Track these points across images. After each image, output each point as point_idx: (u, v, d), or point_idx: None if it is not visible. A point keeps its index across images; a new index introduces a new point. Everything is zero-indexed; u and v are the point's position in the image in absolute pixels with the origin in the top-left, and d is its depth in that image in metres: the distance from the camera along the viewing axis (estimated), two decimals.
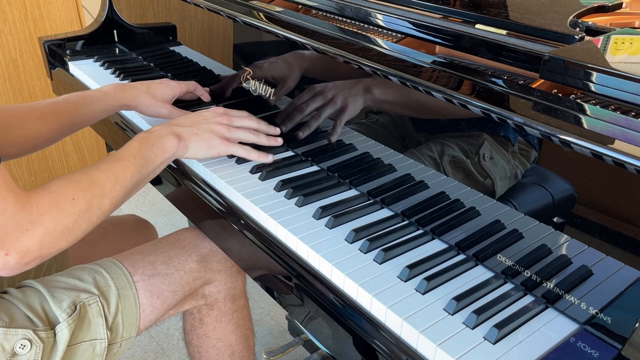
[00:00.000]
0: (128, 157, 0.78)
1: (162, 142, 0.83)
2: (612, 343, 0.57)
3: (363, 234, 0.74)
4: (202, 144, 0.87)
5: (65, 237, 0.68)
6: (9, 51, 2.00)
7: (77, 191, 0.70)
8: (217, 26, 1.10)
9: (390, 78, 0.76)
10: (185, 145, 0.86)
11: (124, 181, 0.76)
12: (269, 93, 1.00)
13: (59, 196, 0.68)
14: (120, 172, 0.76)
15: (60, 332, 0.77)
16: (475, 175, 0.71)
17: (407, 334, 0.61)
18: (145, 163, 0.80)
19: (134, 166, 0.78)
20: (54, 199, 0.67)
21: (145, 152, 0.80)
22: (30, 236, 0.64)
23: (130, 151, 0.80)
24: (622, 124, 0.59)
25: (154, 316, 0.88)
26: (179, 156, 0.86)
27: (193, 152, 0.87)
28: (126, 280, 0.85)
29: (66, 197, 0.69)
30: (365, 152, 0.85)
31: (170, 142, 0.84)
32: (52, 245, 0.67)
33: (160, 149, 0.82)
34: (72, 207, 0.69)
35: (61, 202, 0.68)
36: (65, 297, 0.79)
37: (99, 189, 0.73)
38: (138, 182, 0.79)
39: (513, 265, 0.66)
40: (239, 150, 0.90)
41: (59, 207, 0.68)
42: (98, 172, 0.74)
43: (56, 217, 0.67)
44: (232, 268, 0.99)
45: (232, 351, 1.05)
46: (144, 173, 0.79)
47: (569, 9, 0.83)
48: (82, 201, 0.70)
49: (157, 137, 0.83)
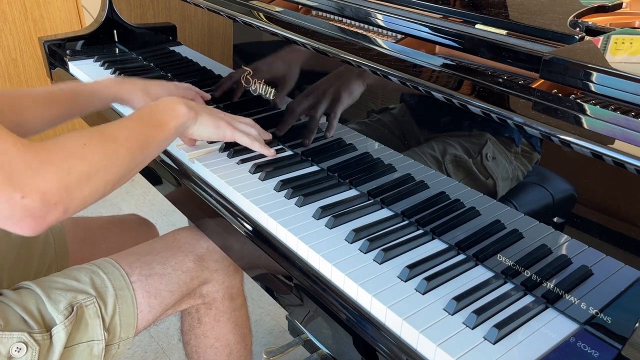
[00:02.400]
0: (139, 118, 0.76)
1: (174, 108, 0.82)
2: (612, 343, 0.57)
3: (363, 234, 0.74)
4: (211, 122, 0.87)
5: (85, 182, 0.64)
6: (9, 51, 2.00)
7: (88, 139, 0.67)
8: (217, 26, 1.10)
9: (390, 78, 0.76)
10: (195, 116, 0.85)
11: (138, 136, 0.73)
12: (269, 93, 1.00)
13: (68, 143, 0.65)
14: (134, 127, 0.74)
15: (57, 334, 0.76)
16: (477, 175, 0.71)
17: (407, 333, 0.61)
18: (158, 125, 0.78)
19: (148, 126, 0.76)
20: (62, 145, 0.64)
21: (157, 115, 0.79)
22: (44, 175, 0.60)
23: (142, 113, 0.78)
24: (622, 124, 0.59)
25: (151, 316, 0.88)
26: (189, 126, 0.85)
27: (201, 126, 0.87)
28: (123, 281, 0.85)
29: (76, 143, 0.65)
30: (365, 152, 0.85)
31: (182, 109, 0.83)
32: (73, 188, 0.62)
33: (172, 113, 0.81)
34: (84, 151, 0.65)
35: (72, 147, 0.64)
36: (62, 299, 0.78)
37: (112, 138, 0.70)
38: (152, 142, 0.76)
39: (513, 265, 0.66)
40: (243, 138, 0.90)
41: (70, 150, 0.64)
42: (109, 126, 0.72)
43: (69, 160, 0.63)
44: (229, 267, 0.99)
45: (230, 350, 1.05)
46: (157, 136, 0.77)
47: (569, 9, 0.83)
48: (96, 146, 0.66)
49: (168, 104, 0.82)
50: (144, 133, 0.75)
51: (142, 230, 1.17)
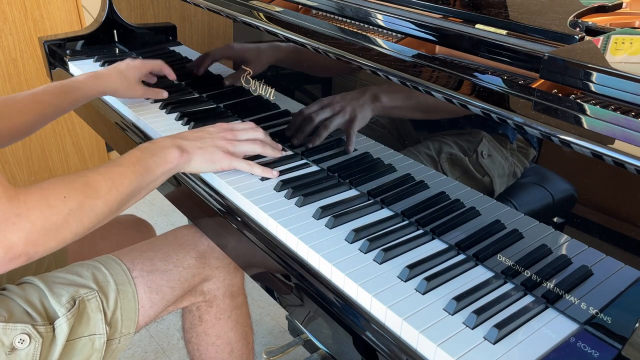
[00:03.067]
0: (127, 164, 0.78)
1: (165, 154, 0.83)
2: (612, 343, 0.57)
3: (363, 234, 0.74)
4: (205, 158, 0.87)
5: (53, 236, 0.67)
6: (9, 51, 2.00)
7: (69, 190, 0.69)
8: (217, 26, 1.10)
9: (390, 78, 0.76)
10: (188, 159, 0.85)
11: (121, 187, 0.75)
12: (269, 93, 1.00)
13: (49, 193, 0.67)
14: (117, 177, 0.75)
15: (59, 327, 0.77)
16: (473, 172, 0.71)
17: (407, 334, 0.61)
18: (145, 172, 0.79)
19: (133, 173, 0.77)
20: (43, 196, 0.66)
21: (146, 161, 0.80)
22: (15, 230, 0.62)
23: (131, 159, 0.79)
24: (622, 124, 0.59)
25: (152, 312, 0.88)
26: (180, 169, 0.86)
27: (196, 166, 0.87)
28: (125, 276, 0.86)
29: (57, 195, 0.67)
30: (365, 152, 0.85)
31: (173, 154, 0.83)
32: (39, 242, 0.65)
33: (162, 159, 0.82)
34: (62, 204, 0.67)
35: (51, 199, 0.66)
36: (64, 292, 0.79)
37: (94, 191, 0.71)
38: (136, 190, 0.78)
39: (513, 265, 0.66)
40: (242, 165, 0.89)
41: (49, 203, 0.66)
42: (94, 174, 0.73)
43: (44, 214, 0.65)
44: (231, 265, 0.99)
45: (231, 348, 1.05)
46: (142, 182, 0.79)
47: (569, 9, 0.83)
48: (74, 200, 0.68)
49: (160, 148, 0.83)
50: (129, 183, 0.76)
51: (140, 230, 1.18)
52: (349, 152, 0.86)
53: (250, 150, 0.92)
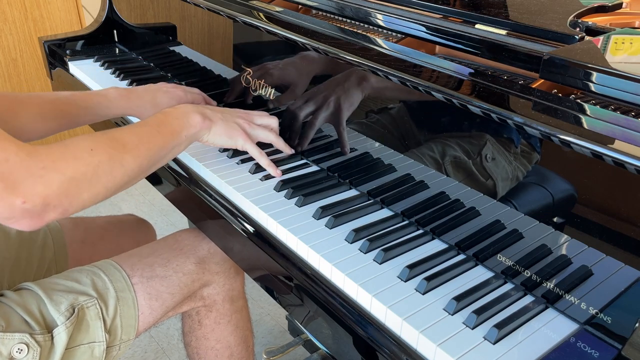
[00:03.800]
0: (152, 124, 0.77)
1: (188, 117, 0.82)
2: (612, 343, 0.57)
3: (363, 234, 0.74)
4: (225, 129, 0.87)
5: (85, 187, 0.65)
6: (9, 51, 2.00)
7: (95, 143, 0.68)
8: (217, 26, 1.10)
9: (390, 78, 0.76)
10: (209, 125, 0.85)
11: (148, 144, 0.74)
12: (269, 93, 1.00)
13: (74, 147, 0.66)
14: (145, 135, 0.74)
15: (58, 336, 0.76)
16: (476, 175, 0.71)
17: (407, 333, 0.61)
18: (170, 134, 0.78)
19: (159, 133, 0.76)
20: (68, 150, 0.65)
21: (171, 123, 0.79)
22: (45, 182, 0.61)
23: (155, 120, 0.78)
24: (622, 124, 0.59)
25: (152, 318, 0.88)
26: (201, 136, 0.85)
27: (214, 136, 0.86)
28: (124, 283, 0.85)
29: (82, 148, 0.66)
30: (365, 152, 0.85)
31: (196, 119, 0.83)
32: (72, 193, 0.64)
33: (186, 122, 0.81)
34: (89, 157, 0.66)
35: (77, 152, 0.65)
36: (63, 300, 0.78)
37: (121, 145, 0.70)
38: (162, 151, 0.77)
39: (513, 265, 0.66)
40: (253, 150, 0.89)
41: (75, 155, 0.65)
42: (120, 131, 0.73)
43: (72, 165, 0.64)
44: (231, 269, 0.99)
45: (231, 352, 1.05)
46: (168, 143, 0.78)
47: (569, 9, 0.83)
48: (102, 152, 0.67)
49: (183, 113, 0.83)
50: (155, 141, 0.76)
51: (141, 231, 1.17)
52: (344, 145, 0.87)
53: (265, 137, 0.91)
